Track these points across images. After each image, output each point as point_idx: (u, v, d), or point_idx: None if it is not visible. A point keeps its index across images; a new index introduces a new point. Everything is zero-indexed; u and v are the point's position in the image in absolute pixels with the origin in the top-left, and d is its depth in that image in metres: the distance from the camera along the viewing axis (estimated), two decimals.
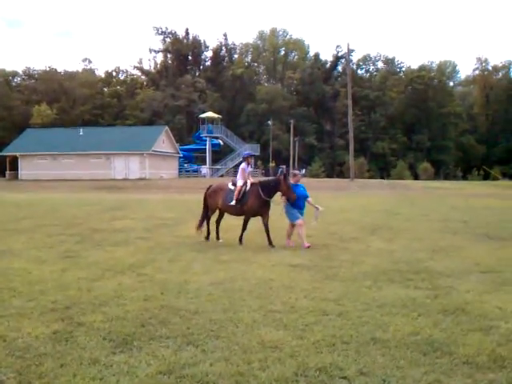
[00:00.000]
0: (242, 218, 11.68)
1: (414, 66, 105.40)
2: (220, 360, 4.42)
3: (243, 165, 11.77)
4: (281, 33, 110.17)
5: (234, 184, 11.67)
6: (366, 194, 36.27)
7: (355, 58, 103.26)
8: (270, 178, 13.09)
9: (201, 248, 10.67)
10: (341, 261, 9.23)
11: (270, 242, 11.03)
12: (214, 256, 9.68)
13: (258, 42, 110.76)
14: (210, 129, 68.05)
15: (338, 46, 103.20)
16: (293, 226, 11.28)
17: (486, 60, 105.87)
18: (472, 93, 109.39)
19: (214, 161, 71.28)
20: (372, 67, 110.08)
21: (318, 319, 5.60)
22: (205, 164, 68.84)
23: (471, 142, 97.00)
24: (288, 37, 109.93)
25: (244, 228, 11.50)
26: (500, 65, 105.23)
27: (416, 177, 79.74)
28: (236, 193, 11.43)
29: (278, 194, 11.31)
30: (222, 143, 70.62)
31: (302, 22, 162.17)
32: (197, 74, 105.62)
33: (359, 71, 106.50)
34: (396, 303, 6.27)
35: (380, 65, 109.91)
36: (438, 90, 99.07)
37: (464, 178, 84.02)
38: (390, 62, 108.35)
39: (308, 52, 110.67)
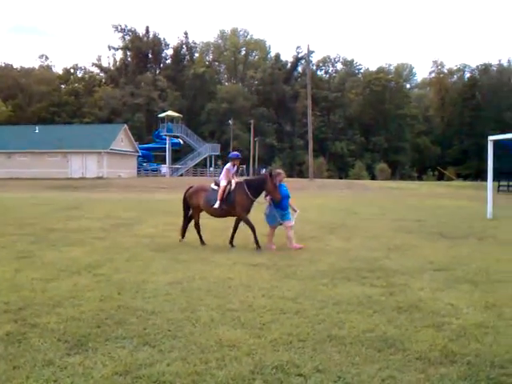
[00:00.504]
0: (223, 220, 11.35)
1: (373, 68, 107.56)
2: (177, 360, 4.40)
3: (228, 165, 11.03)
4: (242, 32, 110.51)
5: (217, 184, 10.92)
6: (325, 194, 36.70)
7: (315, 59, 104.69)
8: (255, 176, 12.64)
9: (159, 248, 10.58)
10: (299, 259, 9.32)
11: (231, 242, 10.85)
12: (172, 256, 9.61)
13: (219, 41, 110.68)
14: (170, 127, 67.51)
15: (298, 47, 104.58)
16: (282, 227, 10.80)
17: (441, 63, 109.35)
18: (428, 95, 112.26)
19: (174, 160, 70.81)
20: (331, 69, 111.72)
21: (275, 317, 5.64)
22: (164, 163, 68.26)
23: (427, 144, 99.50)
24: (249, 37, 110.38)
25: (252, 228, 10.58)
26: (455, 68, 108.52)
27: (373, 177, 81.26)
28: (220, 192, 10.67)
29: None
30: (182, 142, 70.17)
31: (263, 22, 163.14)
32: (157, 72, 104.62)
33: (319, 72, 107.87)
34: (352, 301, 6.37)
35: (339, 66, 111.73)
36: (395, 92, 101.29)
37: (419, 178, 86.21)
38: (348, 63, 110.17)
39: (269, 52, 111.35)
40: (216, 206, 10.67)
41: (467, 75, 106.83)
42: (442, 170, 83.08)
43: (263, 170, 76.79)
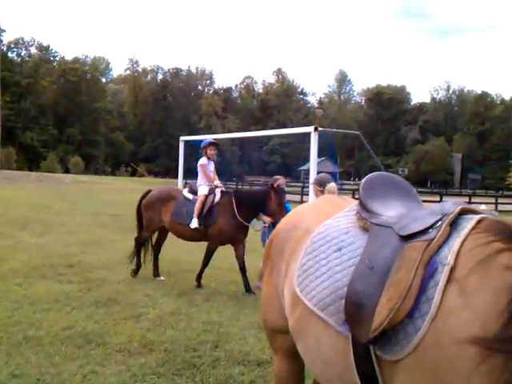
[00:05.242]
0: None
1: (69, 58, 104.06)
2: None
3: (204, 160, 7.84)
4: None
5: (193, 191, 7.65)
6: (14, 187, 34.02)
7: (6, 39, 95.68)
8: (254, 188, 8.77)
9: None
10: None
11: (248, 286, 7.18)
12: None
13: None
14: None
15: None
16: None
17: (137, 62, 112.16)
18: (123, 91, 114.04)
19: None
20: (24, 52, 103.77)
21: None
22: None
23: (121, 139, 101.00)
24: None
25: (206, 263, 7.50)
26: (149, 68, 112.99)
27: (67, 170, 78.77)
28: (198, 206, 7.31)
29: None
30: None
31: None
32: None
33: (10, 54, 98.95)
34: (49, 299, 6.17)
35: (33, 51, 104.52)
36: (91, 84, 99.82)
37: (113, 173, 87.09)
38: (44, 49, 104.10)
39: None
40: (193, 225, 7.26)
41: (160, 77, 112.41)
42: (134, 166, 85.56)
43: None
